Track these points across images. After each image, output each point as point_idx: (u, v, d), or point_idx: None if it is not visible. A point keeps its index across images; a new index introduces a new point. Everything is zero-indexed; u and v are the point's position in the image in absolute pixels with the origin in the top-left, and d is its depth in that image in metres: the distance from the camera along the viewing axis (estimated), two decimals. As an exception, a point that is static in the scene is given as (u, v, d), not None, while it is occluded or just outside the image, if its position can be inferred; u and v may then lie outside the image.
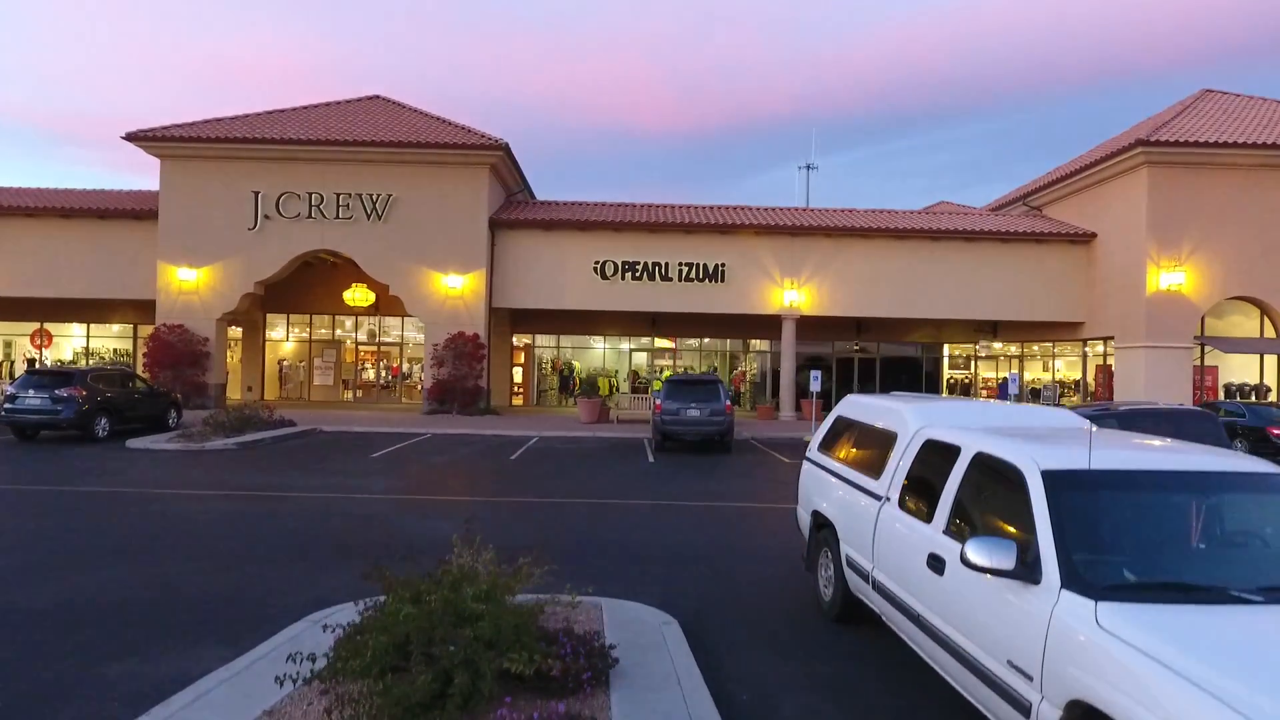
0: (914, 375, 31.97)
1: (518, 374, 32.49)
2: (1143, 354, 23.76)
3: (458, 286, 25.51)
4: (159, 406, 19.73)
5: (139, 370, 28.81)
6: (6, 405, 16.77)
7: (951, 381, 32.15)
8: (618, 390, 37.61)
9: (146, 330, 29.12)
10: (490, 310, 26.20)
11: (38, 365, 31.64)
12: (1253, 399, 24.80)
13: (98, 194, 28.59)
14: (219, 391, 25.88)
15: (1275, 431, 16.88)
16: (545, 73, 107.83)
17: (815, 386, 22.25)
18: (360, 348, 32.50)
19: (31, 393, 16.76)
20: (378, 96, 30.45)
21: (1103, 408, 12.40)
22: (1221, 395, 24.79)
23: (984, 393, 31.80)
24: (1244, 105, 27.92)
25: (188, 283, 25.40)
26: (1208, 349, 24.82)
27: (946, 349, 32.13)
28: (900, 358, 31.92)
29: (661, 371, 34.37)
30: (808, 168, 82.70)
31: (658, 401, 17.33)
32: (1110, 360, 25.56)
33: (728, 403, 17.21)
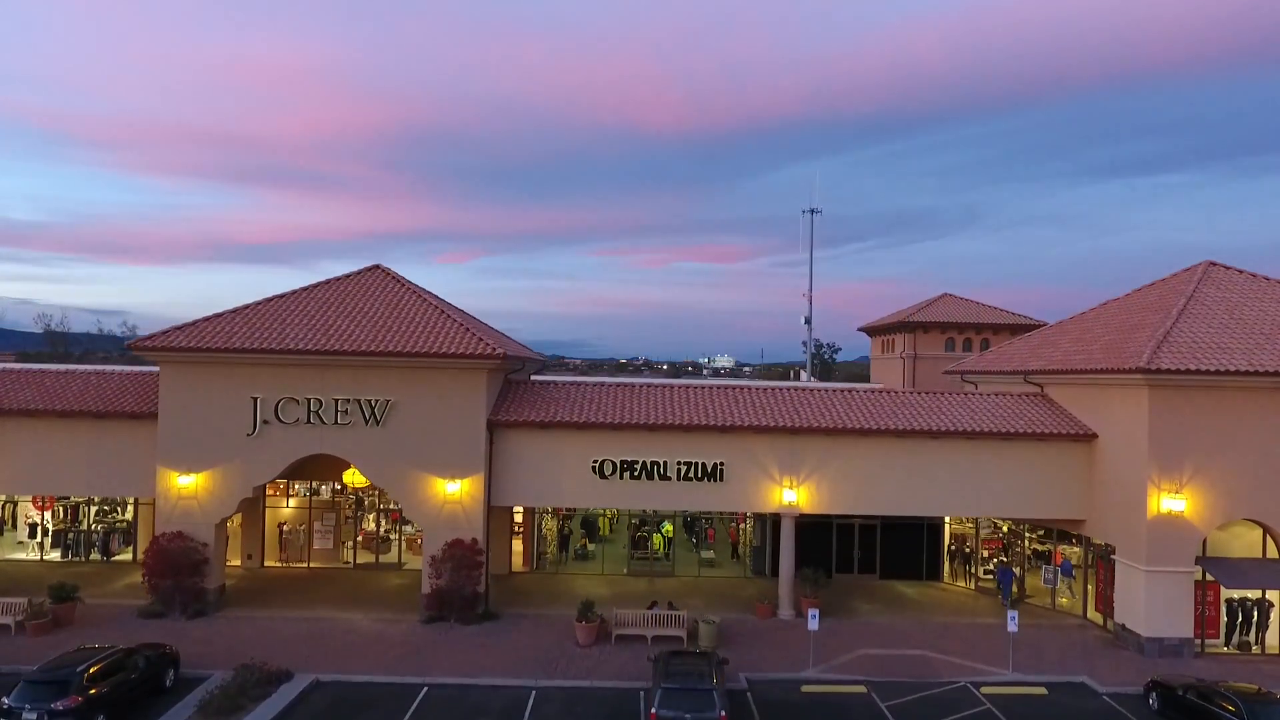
0: (915, 541, 31.83)
1: (518, 513, 32.40)
2: (1144, 575, 23.64)
3: (455, 491, 25.52)
4: (158, 671, 19.78)
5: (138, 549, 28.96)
6: (3, 722, 16.83)
7: (952, 548, 32.00)
8: (613, 528, 37.62)
9: (147, 498, 29.30)
10: (489, 510, 26.16)
11: (39, 527, 31.87)
12: (1255, 615, 24.65)
13: (96, 378, 28.70)
14: (217, 595, 25.94)
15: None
16: (553, 73, 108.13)
17: (813, 625, 22.15)
18: (361, 497, 32.48)
19: (28, 707, 16.82)
20: (378, 266, 30.61)
21: None
22: (1223, 612, 24.57)
23: (985, 552, 31.67)
24: (1248, 288, 27.83)
25: (186, 488, 25.46)
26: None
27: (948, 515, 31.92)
28: (901, 523, 31.72)
29: (662, 524, 34.30)
30: (811, 212, 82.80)
31: (652, 710, 17.27)
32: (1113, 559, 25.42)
33: (723, 713, 17.11)
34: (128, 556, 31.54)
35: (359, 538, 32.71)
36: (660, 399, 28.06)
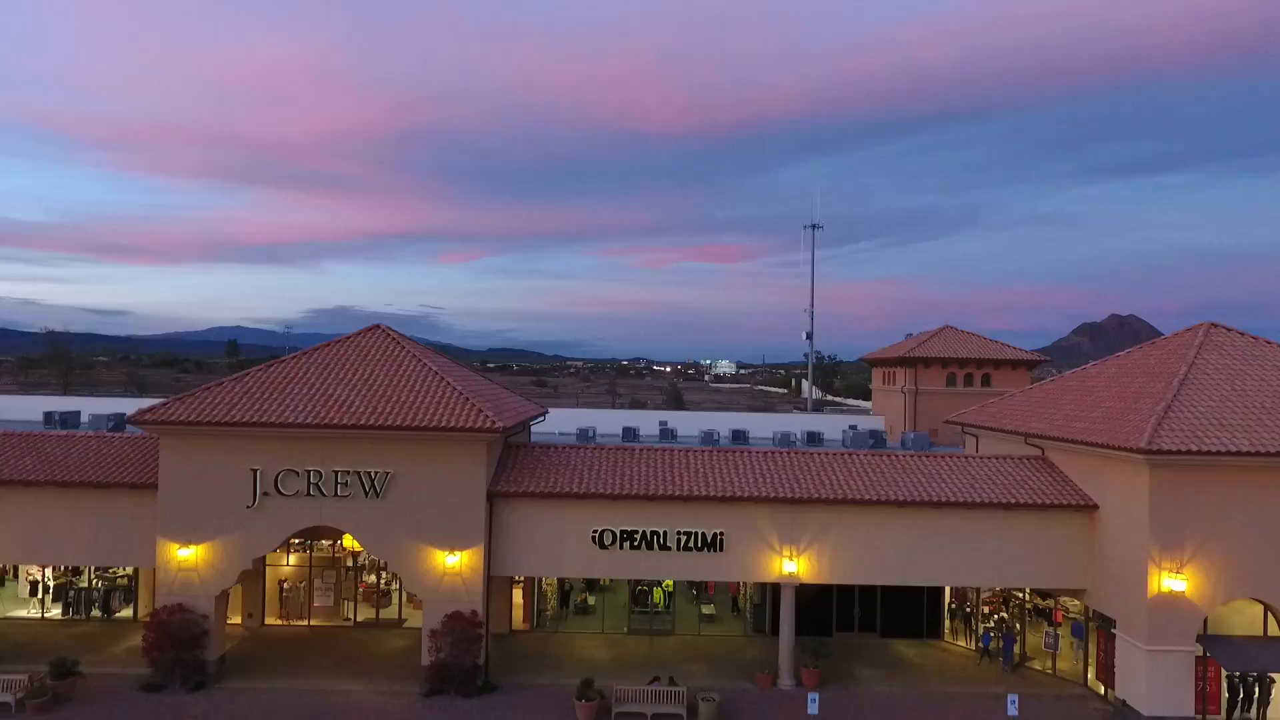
0: (915, 600, 31.79)
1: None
2: (1145, 654, 23.58)
3: (455, 563, 25.50)
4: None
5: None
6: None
7: (952, 607, 31.96)
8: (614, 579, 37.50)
9: (148, 567, 29.31)
10: (489, 581, 26.14)
11: (40, 584, 31.90)
12: (1256, 691, 24.60)
13: (97, 443, 28.66)
14: (217, 666, 25.93)
15: None
16: (555, 73, 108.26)
17: (813, 709, 22.14)
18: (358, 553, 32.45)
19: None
20: (378, 327, 30.59)
21: None
22: (1224, 688, 24.53)
23: (985, 609, 31.60)
24: (1248, 353, 27.76)
25: (187, 559, 25.46)
26: (1211, 637, 24.55)
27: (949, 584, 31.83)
28: (902, 581, 31.67)
29: (662, 580, 34.26)
30: (813, 228, 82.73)
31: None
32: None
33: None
34: (128, 614, 31.56)
35: (360, 590, 32.76)
36: (660, 465, 28.02)
